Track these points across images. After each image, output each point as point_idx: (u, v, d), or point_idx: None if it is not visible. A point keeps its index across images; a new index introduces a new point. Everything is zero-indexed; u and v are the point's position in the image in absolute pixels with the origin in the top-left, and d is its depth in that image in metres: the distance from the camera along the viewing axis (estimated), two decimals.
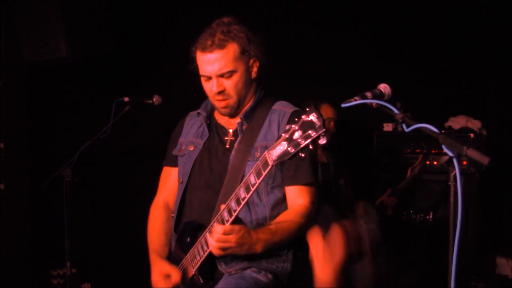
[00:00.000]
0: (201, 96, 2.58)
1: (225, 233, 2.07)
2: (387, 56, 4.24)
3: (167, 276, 2.35)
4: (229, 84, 2.34)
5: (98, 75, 4.11)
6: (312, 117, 1.90)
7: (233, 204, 2.13)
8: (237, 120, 2.43)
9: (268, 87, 2.50)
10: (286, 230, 2.25)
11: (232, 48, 2.31)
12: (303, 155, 1.94)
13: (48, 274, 4.13)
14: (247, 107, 2.43)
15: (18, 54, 3.73)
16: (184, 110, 2.67)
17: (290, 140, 1.93)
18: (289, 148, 1.93)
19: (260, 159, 2.04)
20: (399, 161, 3.92)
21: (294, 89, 4.07)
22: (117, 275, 4.30)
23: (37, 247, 4.09)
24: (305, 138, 1.90)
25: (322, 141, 1.90)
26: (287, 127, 1.96)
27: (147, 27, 4.24)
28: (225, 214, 2.14)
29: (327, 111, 3.58)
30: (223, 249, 2.12)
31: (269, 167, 2.01)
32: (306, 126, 1.90)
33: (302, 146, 1.91)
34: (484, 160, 1.82)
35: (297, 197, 2.34)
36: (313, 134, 1.89)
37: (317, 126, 1.89)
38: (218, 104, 2.38)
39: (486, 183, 3.82)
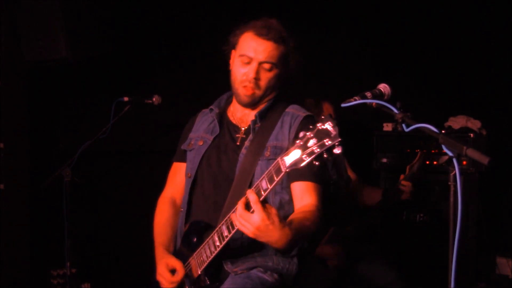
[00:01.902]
0: (201, 96, 2.59)
1: (246, 215, 2.00)
2: (387, 56, 4.24)
3: (173, 271, 2.35)
4: (265, 76, 2.38)
5: (98, 75, 4.11)
6: (328, 125, 1.87)
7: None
8: (251, 118, 2.45)
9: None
10: (306, 230, 2.20)
11: (282, 48, 2.39)
12: (317, 163, 1.91)
13: (48, 274, 4.13)
14: (263, 106, 2.46)
15: (18, 54, 3.73)
16: (183, 110, 2.68)
17: (304, 147, 1.91)
18: (303, 156, 1.91)
19: (273, 165, 2.01)
20: (399, 161, 3.92)
21: (294, 89, 4.06)
22: (117, 275, 4.30)
23: (37, 247, 4.09)
24: (320, 147, 1.87)
25: (337, 150, 1.87)
26: (301, 134, 1.93)
27: (147, 27, 4.24)
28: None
29: (329, 109, 3.59)
30: (244, 229, 2.04)
31: (282, 173, 1.98)
32: (322, 135, 1.87)
33: (316, 154, 1.88)
34: (484, 160, 1.82)
35: (304, 195, 2.33)
36: (328, 143, 1.86)
37: (332, 135, 1.86)
38: (243, 91, 2.40)
39: (486, 183, 3.82)
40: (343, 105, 2.07)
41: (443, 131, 3.87)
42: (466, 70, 4.13)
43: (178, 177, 2.61)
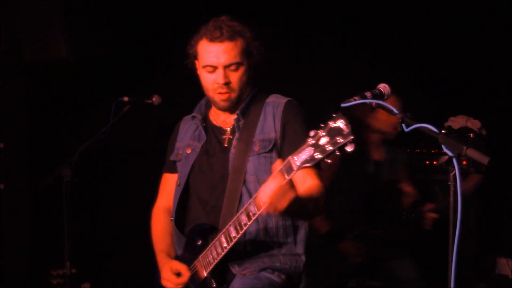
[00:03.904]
0: (202, 96, 2.58)
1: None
2: (387, 56, 4.24)
3: (178, 274, 2.34)
4: (235, 77, 2.35)
5: (98, 75, 4.11)
6: (340, 123, 1.85)
7: (252, 208, 2.10)
8: (234, 116, 2.44)
9: (266, 87, 2.51)
10: (310, 199, 2.22)
11: (240, 42, 2.34)
12: (329, 161, 1.90)
13: (48, 274, 4.13)
14: (243, 103, 2.43)
15: (18, 54, 3.73)
16: (184, 110, 2.67)
17: (316, 146, 1.89)
18: (315, 154, 1.89)
19: (284, 163, 2.00)
20: None
21: (294, 89, 4.06)
22: (117, 275, 4.30)
23: (37, 247, 4.09)
24: (333, 145, 1.85)
25: (349, 148, 1.85)
26: (313, 132, 1.91)
27: (147, 27, 4.24)
28: (243, 217, 2.11)
29: (394, 104, 3.52)
30: (274, 207, 2.01)
31: (294, 172, 1.96)
32: (334, 133, 1.86)
33: (329, 152, 1.87)
34: (484, 160, 1.82)
35: (306, 179, 2.32)
36: (340, 140, 1.84)
37: (345, 133, 1.84)
38: (219, 97, 2.37)
39: (486, 183, 3.82)
40: (343, 105, 2.07)
41: (443, 131, 3.88)
42: (466, 70, 4.13)
43: (170, 188, 2.59)
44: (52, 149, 4.19)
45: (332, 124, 1.87)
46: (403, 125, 2.02)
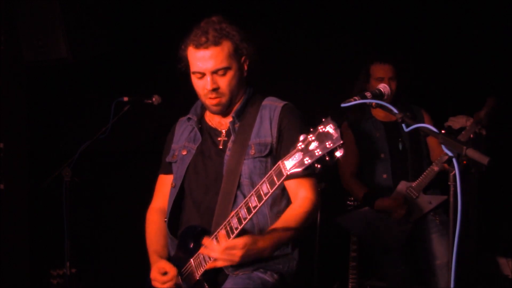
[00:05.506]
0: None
1: (228, 249, 2.07)
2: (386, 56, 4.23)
3: (165, 273, 2.36)
4: (223, 82, 2.33)
5: (98, 75, 4.11)
6: (329, 128, 1.85)
7: (243, 212, 2.11)
8: (229, 119, 2.43)
9: (263, 87, 2.50)
10: (292, 229, 2.24)
11: (227, 45, 2.32)
12: (319, 166, 1.90)
13: (48, 274, 4.13)
14: (238, 105, 2.43)
15: (18, 54, 3.73)
16: (184, 110, 2.68)
17: (305, 150, 1.89)
18: (305, 159, 1.89)
19: (273, 168, 2.01)
20: None
21: (294, 90, 4.06)
22: (117, 275, 4.30)
23: (37, 247, 4.09)
24: (322, 150, 1.85)
25: (339, 152, 1.85)
26: (302, 137, 1.91)
27: (147, 27, 4.24)
28: (235, 221, 2.13)
29: (379, 70, 3.62)
30: (229, 261, 2.15)
31: (284, 177, 1.98)
32: (323, 137, 1.86)
33: (318, 156, 1.87)
34: (484, 160, 1.83)
35: (299, 189, 2.33)
36: (330, 145, 1.84)
37: (334, 138, 1.84)
38: (210, 102, 2.37)
39: (486, 183, 3.81)
40: (343, 105, 2.07)
41: (443, 131, 3.87)
42: (466, 70, 4.12)
43: (165, 189, 2.60)
44: (52, 149, 4.20)
45: (321, 128, 1.87)
46: (403, 125, 2.02)
